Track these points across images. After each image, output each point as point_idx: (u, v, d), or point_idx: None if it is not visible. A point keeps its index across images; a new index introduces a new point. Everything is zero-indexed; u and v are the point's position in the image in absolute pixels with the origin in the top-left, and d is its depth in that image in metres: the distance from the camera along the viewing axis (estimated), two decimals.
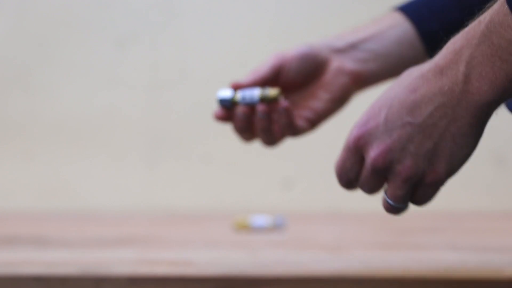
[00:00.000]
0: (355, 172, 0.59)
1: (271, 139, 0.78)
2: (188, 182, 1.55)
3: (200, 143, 1.55)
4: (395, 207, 0.58)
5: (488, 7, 0.53)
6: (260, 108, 0.75)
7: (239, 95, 0.78)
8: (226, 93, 0.79)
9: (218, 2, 1.55)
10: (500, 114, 0.59)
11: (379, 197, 0.62)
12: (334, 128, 1.53)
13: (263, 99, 0.76)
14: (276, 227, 1.07)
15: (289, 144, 1.49)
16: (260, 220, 1.06)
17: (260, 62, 0.82)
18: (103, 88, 1.56)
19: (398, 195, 0.57)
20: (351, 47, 0.78)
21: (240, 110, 0.77)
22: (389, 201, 0.58)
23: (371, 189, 0.59)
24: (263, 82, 0.77)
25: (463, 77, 0.53)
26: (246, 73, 0.84)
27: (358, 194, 1.64)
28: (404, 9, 0.78)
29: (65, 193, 1.56)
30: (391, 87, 0.57)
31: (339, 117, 0.94)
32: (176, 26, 1.55)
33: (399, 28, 0.78)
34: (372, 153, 0.56)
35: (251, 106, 0.76)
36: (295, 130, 0.77)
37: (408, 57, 0.77)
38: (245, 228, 1.06)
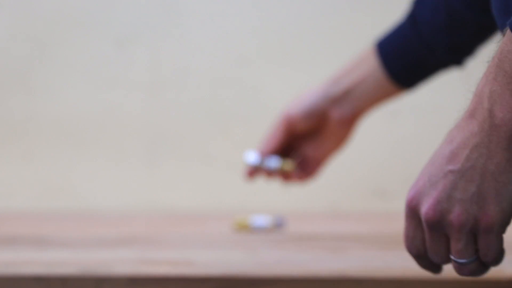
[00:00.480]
0: (420, 239, 0.59)
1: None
2: (188, 182, 1.55)
3: (200, 143, 1.55)
4: (463, 265, 0.57)
5: (498, 42, 0.56)
6: (278, 177, 0.98)
7: (263, 161, 0.97)
8: (252, 158, 0.98)
9: (218, 1, 1.55)
10: None
11: (379, 198, 0.62)
12: None
13: (282, 169, 0.96)
14: (276, 227, 1.07)
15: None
16: (260, 220, 1.06)
17: (260, 62, 0.83)
18: (103, 88, 1.55)
19: (459, 249, 0.56)
20: (346, 94, 0.90)
21: (263, 172, 0.97)
22: (455, 259, 0.57)
23: (437, 253, 0.58)
24: (281, 146, 0.94)
25: (488, 113, 0.55)
26: (245, 73, 0.87)
27: (358, 194, 1.64)
28: (378, 52, 0.90)
29: (65, 193, 1.56)
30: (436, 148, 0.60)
31: None
32: (176, 25, 1.55)
33: (376, 72, 0.90)
34: (423, 209, 0.57)
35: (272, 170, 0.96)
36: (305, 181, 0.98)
37: (386, 91, 0.90)
38: (245, 228, 1.06)
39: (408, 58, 0.89)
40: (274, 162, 0.97)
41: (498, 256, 0.56)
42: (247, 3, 1.54)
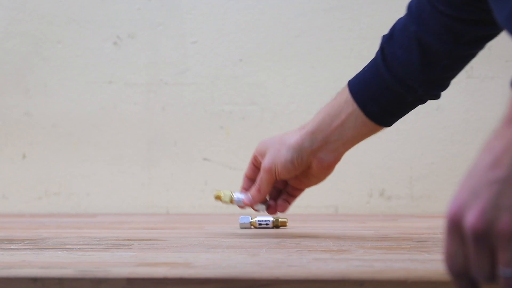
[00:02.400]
0: (462, 255, 0.57)
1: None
2: (187, 182, 1.54)
3: (199, 143, 1.54)
4: (511, 278, 0.55)
5: None
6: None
7: (256, 220, 1.15)
8: (246, 219, 1.14)
9: (218, 1, 1.54)
10: (501, 114, 0.58)
11: (380, 199, 0.61)
12: None
13: (274, 224, 1.14)
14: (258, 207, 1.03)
15: None
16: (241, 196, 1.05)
17: (260, 61, 0.81)
18: (101, 87, 1.55)
19: (509, 259, 0.54)
20: (324, 144, 0.95)
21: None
22: (505, 271, 0.55)
23: (482, 267, 0.56)
24: (266, 196, 1.02)
25: None
26: (244, 71, 0.86)
27: (360, 195, 1.63)
28: (352, 93, 0.93)
29: (62, 194, 1.55)
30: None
31: None
32: (175, 24, 1.54)
33: (353, 116, 0.93)
34: (469, 221, 0.55)
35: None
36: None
37: (366, 133, 0.95)
38: (220, 198, 1.04)
39: (385, 100, 0.91)
40: (267, 219, 1.14)
41: None
42: (247, 3, 1.54)
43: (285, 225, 1.14)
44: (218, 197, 1.04)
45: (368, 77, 0.92)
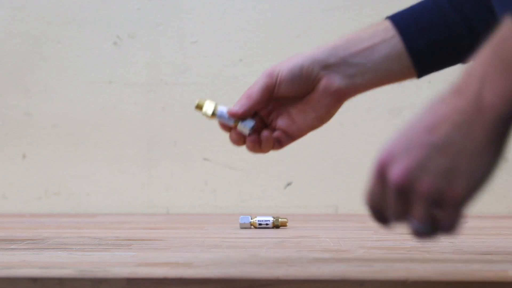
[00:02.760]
0: (381, 197, 0.60)
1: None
2: (187, 182, 1.54)
3: (200, 143, 1.54)
4: (420, 230, 0.59)
5: (497, 26, 0.56)
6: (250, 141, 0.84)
7: (256, 220, 1.14)
8: (246, 219, 1.12)
9: (218, 1, 1.54)
10: None
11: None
12: (335, 129, 1.52)
13: (274, 224, 1.13)
14: (244, 126, 0.84)
15: (290, 144, 1.48)
16: (223, 108, 0.93)
17: (260, 61, 0.81)
18: (101, 87, 1.55)
19: (420, 216, 0.58)
20: (343, 63, 0.79)
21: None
22: (416, 224, 0.59)
23: (397, 214, 0.60)
24: (257, 106, 0.81)
25: (476, 94, 0.55)
26: (244, 72, 0.85)
27: (359, 194, 1.63)
28: (395, 22, 0.79)
29: (62, 194, 1.55)
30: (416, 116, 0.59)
31: (340, 117, 0.93)
32: (174, 24, 1.54)
33: (389, 43, 0.78)
34: (394, 173, 0.58)
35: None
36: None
37: (394, 71, 0.79)
38: (201, 109, 0.85)
39: (435, 32, 0.77)
40: (267, 220, 1.12)
41: (455, 228, 0.58)
42: (247, 3, 1.54)
43: (285, 225, 1.14)
44: (199, 107, 0.84)
45: (416, 9, 0.79)
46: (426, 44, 0.78)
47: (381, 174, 0.60)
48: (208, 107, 0.84)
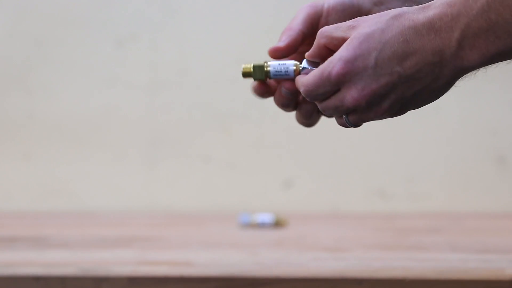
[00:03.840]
0: (324, 97, 0.61)
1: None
2: (188, 182, 1.55)
3: (200, 143, 1.55)
4: (346, 125, 0.62)
5: None
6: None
7: (256, 219, 1.11)
8: (246, 219, 1.11)
9: (217, 1, 1.55)
10: (502, 114, 0.59)
11: (380, 198, 0.62)
12: (335, 129, 1.53)
13: (274, 223, 1.13)
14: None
15: (290, 144, 1.49)
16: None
17: (260, 61, 0.80)
18: (102, 87, 1.55)
19: (355, 121, 0.62)
20: None
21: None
22: (349, 121, 0.62)
23: (330, 115, 0.62)
24: (301, 39, 0.72)
25: (456, 43, 0.56)
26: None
27: (359, 195, 1.63)
28: None
29: (65, 193, 1.56)
30: (379, 28, 0.58)
31: None
32: (176, 25, 1.55)
33: None
34: (355, 93, 0.59)
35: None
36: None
37: None
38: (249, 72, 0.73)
39: None
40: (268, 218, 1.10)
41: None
42: (246, 2, 1.54)
43: (285, 225, 1.14)
44: (246, 73, 0.72)
45: None
46: None
47: (337, 83, 0.59)
48: (258, 72, 0.71)
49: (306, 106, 0.69)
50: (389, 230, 1.09)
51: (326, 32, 0.63)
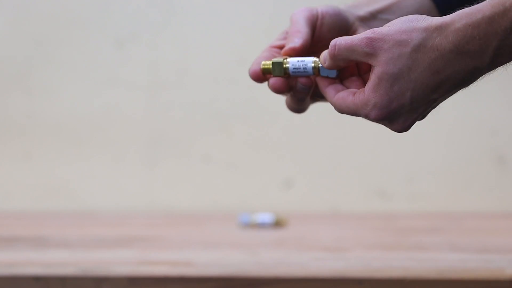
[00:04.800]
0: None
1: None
2: (188, 182, 1.55)
3: (200, 143, 1.55)
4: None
5: None
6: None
7: (256, 219, 1.12)
8: (246, 219, 1.12)
9: (217, 1, 1.55)
10: (501, 114, 0.60)
11: (379, 198, 0.62)
12: (335, 129, 1.53)
13: (274, 223, 1.13)
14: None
15: (290, 144, 1.49)
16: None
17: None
18: (103, 88, 1.55)
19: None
20: (371, 17, 0.75)
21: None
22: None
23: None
24: (310, 38, 0.72)
25: (489, 61, 0.57)
26: (245, 72, 0.80)
27: (359, 195, 1.63)
28: None
29: (65, 194, 1.56)
30: (405, 66, 0.58)
31: (340, 118, 0.94)
32: (176, 25, 1.55)
33: None
34: (397, 126, 0.61)
35: None
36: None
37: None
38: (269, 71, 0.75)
39: None
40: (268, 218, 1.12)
41: None
42: (246, 3, 1.54)
43: (285, 225, 1.14)
44: (266, 70, 0.74)
45: None
46: None
47: (375, 121, 0.61)
48: (277, 69, 0.71)
49: (301, 93, 0.70)
50: (389, 230, 1.09)
51: (341, 55, 0.62)
